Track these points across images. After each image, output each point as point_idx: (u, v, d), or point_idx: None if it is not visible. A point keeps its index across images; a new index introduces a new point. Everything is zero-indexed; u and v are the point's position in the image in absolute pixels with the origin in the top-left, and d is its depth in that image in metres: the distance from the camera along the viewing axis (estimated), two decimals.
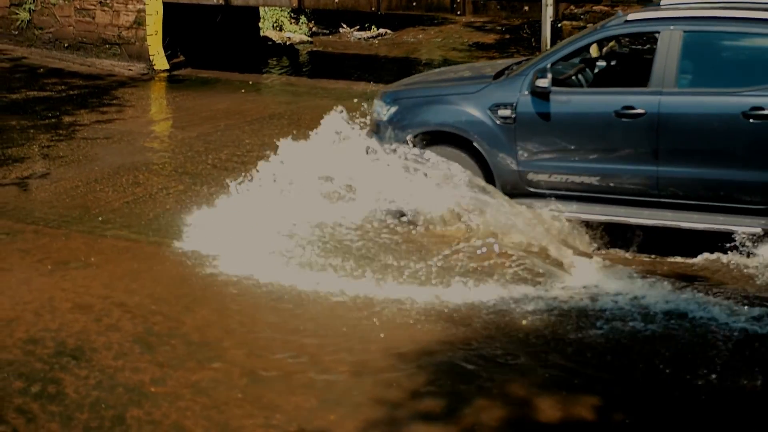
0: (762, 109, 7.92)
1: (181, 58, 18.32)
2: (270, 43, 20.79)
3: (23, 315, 7.37)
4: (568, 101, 8.68)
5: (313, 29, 23.01)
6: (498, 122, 8.81)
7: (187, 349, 6.80)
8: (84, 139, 12.74)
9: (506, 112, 8.78)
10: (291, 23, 22.65)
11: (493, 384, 6.26)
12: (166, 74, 17.51)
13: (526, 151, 8.77)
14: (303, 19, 23.04)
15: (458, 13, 15.99)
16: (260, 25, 21.06)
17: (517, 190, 8.85)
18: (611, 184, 8.52)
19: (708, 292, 7.53)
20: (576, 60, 9.31)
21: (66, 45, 19.03)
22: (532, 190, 8.80)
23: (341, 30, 22.97)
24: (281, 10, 22.12)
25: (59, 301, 7.62)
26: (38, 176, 10.94)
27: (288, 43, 21.18)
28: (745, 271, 7.93)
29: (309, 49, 21.32)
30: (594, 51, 9.84)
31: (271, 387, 6.31)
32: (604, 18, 12.95)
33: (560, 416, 5.91)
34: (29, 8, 19.70)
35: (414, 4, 16.26)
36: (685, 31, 8.36)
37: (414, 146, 9.00)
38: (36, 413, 6.00)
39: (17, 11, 19.92)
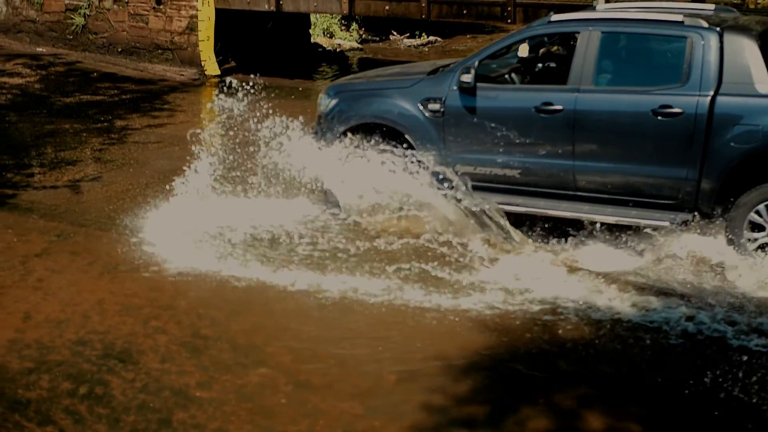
0: (670, 107, 8.21)
1: (232, 63, 18.43)
2: (320, 49, 20.86)
3: (72, 317, 7.46)
4: (492, 97, 9.02)
5: (364, 36, 23.04)
6: (428, 116, 9.20)
7: (233, 354, 6.84)
8: (135, 143, 12.86)
9: (435, 106, 9.17)
10: (341, 30, 22.72)
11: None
12: (217, 80, 17.64)
13: (453, 144, 9.13)
14: (353, 26, 23.09)
15: (509, 21, 15.92)
16: (311, 31, 21.14)
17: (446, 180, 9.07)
18: (532, 178, 8.86)
19: (624, 287, 7.83)
20: (514, 59, 9.60)
21: (119, 50, 19.24)
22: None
23: (391, 37, 22.97)
24: (332, 17, 22.19)
25: (108, 304, 7.70)
26: (90, 179, 11.06)
27: (338, 50, 21.23)
28: (660, 265, 8.12)
29: (359, 56, 21.35)
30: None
31: (315, 393, 6.32)
32: None
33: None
34: (84, 13, 19.94)
35: (464, 12, 16.22)
36: (602, 32, 8.70)
37: (349, 138, 9.41)
38: (83, 414, 6.07)
39: (72, 16, 20.18)
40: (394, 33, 23.03)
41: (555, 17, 9.17)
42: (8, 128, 13.86)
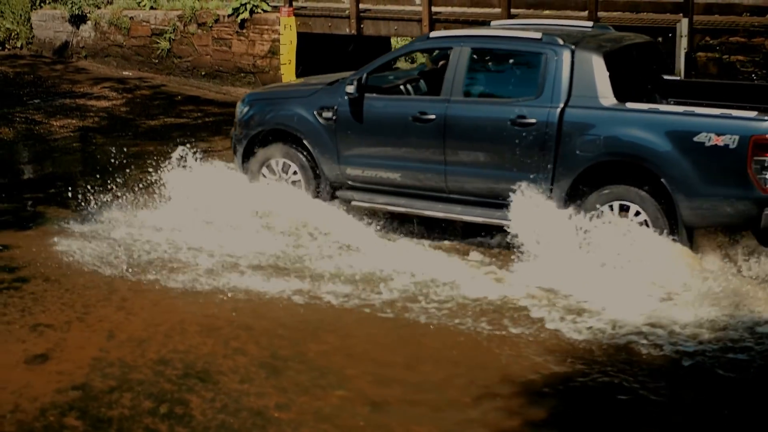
0: (525, 117, 8.84)
1: None
2: None
3: (155, 336, 7.57)
4: (377, 106, 9.76)
5: None
6: (322, 122, 9.97)
7: (311, 375, 6.86)
8: None
9: (329, 114, 9.94)
10: (423, 55, 22.74)
11: None
12: None
13: (344, 149, 9.88)
14: None
15: None
16: None
17: (339, 183, 10.04)
18: (410, 181, 9.56)
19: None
20: (415, 71, 10.71)
21: (203, 73, 19.57)
22: (350, 183, 9.97)
23: None
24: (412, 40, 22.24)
25: (189, 324, 7.80)
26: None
27: None
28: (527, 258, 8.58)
29: None
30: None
31: (393, 415, 6.32)
32: (740, 49, 13.43)
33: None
34: (169, 38, 20.34)
35: None
36: (472, 48, 9.39)
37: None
38: None
39: (158, 40, 20.59)
40: None
41: (433, 34, 10.16)
42: (95, 150, 14.19)
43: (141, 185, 10.86)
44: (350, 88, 9.64)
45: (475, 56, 9.42)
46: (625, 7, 16.27)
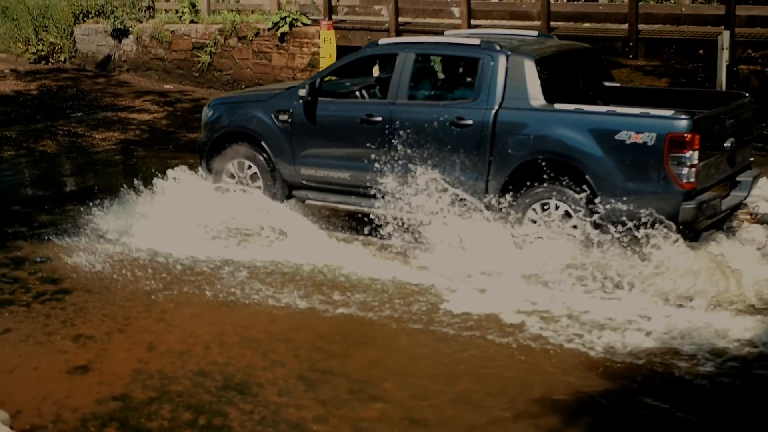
0: (463, 119, 9.26)
1: None
2: None
3: (194, 348, 7.61)
4: (329, 110, 10.19)
5: None
6: (279, 125, 10.41)
7: (349, 388, 6.86)
8: None
9: (285, 117, 10.37)
10: None
11: None
12: None
13: (298, 150, 10.29)
14: None
15: (630, 56, 15.76)
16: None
17: (295, 182, 10.43)
18: (359, 180, 9.82)
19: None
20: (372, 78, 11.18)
21: (243, 86, 19.70)
22: (305, 182, 10.36)
23: None
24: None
25: (228, 336, 7.83)
26: None
27: None
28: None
29: None
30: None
31: (431, 430, 6.30)
32: None
33: None
34: (210, 51, 20.50)
35: None
36: (416, 54, 9.91)
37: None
38: None
39: (199, 54, 20.76)
40: None
41: (382, 41, 10.59)
42: (136, 163, 14.32)
43: None
44: (302, 92, 10.12)
45: (418, 61, 9.99)
46: (666, 19, 16.23)
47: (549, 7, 16.24)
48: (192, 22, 21.42)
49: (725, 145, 8.88)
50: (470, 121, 9.22)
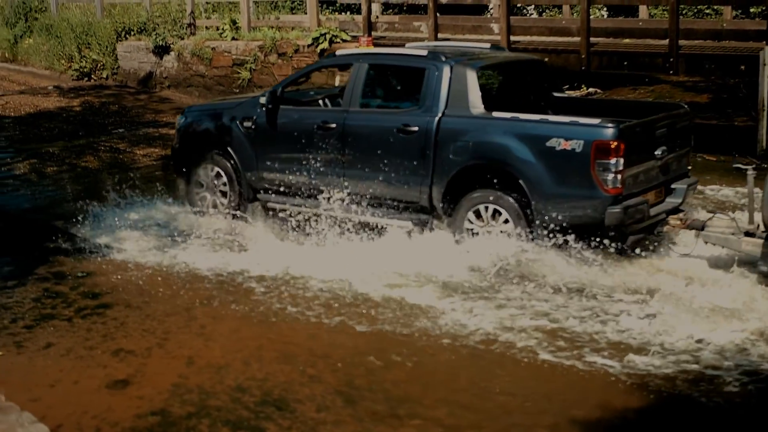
0: (409, 125, 9.74)
1: None
2: None
3: (233, 363, 7.63)
4: (289, 117, 10.70)
5: None
6: (243, 131, 10.95)
7: (387, 404, 6.84)
8: None
9: (249, 123, 10.93)
10: None
11: None
12: None
13: (261, 155, 10.79)
14: None
15: (671, 72, 15.68)
16: None
17: (259, 187, 10.93)
18: (317, 184, 10.33)
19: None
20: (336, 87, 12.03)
21: None
22: (267, 186, 10.84)
23: None
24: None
25: (267, 351, 7.85)
26: None
27: None
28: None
29: None
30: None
31: None
32: None
33: None
34: (250, 68, 20.63)
35: (625, 63, 16.09)
36: (369, 64, 10.43)
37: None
38: None
39: (239, 70, 20.90)
40: None
41: (339, 52, 11.29)
42: (177, 179, 14.39)
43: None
44: (263, 100, 10.67)
45: (371, 71, 10.45)
46: (707, 34, 16.14)
47: (588, 22, 16.21)
48: (233, 39, 21.59)
49: (656, 153, 9.25)
50: (416, 128, 9.69)
